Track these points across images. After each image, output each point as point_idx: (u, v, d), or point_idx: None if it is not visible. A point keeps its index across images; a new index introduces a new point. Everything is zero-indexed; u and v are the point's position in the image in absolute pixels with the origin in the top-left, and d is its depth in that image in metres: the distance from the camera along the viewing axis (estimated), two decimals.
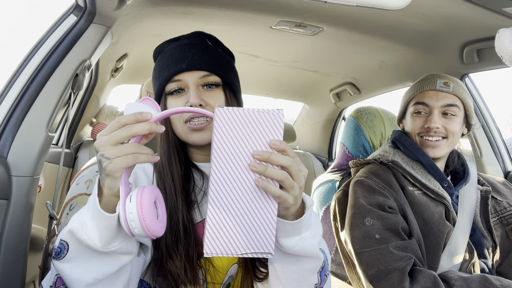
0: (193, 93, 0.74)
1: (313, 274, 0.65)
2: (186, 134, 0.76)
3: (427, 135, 1.08)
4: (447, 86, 1.08)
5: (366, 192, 1.06)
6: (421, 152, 1.08)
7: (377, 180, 1.08)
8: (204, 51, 0.78)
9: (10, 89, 0.91)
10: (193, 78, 0.76)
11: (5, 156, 0.86)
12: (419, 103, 1.11)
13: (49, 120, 0.93)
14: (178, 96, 0.77)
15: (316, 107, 2.60)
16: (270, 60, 1.77)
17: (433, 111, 1.08)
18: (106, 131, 0.51)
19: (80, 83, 1.02)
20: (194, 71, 0.76)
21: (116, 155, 0.49)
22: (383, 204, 1.02)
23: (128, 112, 0.52)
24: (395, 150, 1.16)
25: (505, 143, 1.62)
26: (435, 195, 1.05)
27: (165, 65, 0.78)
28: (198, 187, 0.80)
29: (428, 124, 1.07)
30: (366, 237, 0.98)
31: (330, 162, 2.60)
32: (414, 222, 1.01)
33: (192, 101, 0.73)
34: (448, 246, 1.00)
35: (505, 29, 0.86)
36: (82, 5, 0.97)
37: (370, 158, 1.18)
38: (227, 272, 0.76)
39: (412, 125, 1.12)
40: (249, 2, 1.14)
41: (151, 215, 0.52)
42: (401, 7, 0.85)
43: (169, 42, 0.85)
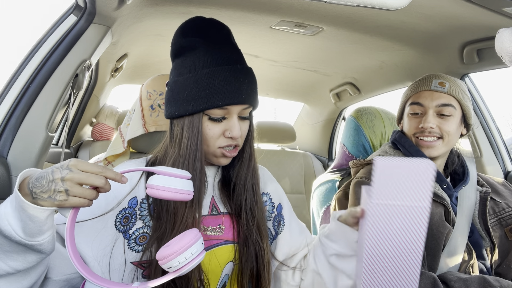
0: (236, 125, 0.77)
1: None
2: (217, 157, 0.80)
3: (422, 135, 1.08)
4: (442, 86, 1.09)
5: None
6: (420, 154, 1.08)
7: None
8: (253, 81, 0.79)
9: (10, 89, 0.91)
10: (238, 109, 0.77)
11: (5, 156, 0.86)
12: (414, 103, 1.11)
13: (49, 120, 0.93)
14: (219, 123, 0.77)
15: (316, 107, 2.60)
16: (270, 60, 1.77)
17: (427, 111, 1.08)
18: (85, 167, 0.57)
19: (80, 83, 1.01)
20: (243, 104, 0.77)
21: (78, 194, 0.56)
22: None
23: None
24: (395, 151, 1.16)
25: (505, 143, 1.62)
26: (435, 196, 1.05)
27: (219, 90, 0.74)
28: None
29: (422, 124, 1.07)
30: None
31: (330, 162, 2.60)
32: None
33: (236, 134, 0.76)
34: (447, 247, 1.00)
35: (505, 29, 0.86)
36: (82, 5, 0.97)
37: (370, 159, 1.18)
38: (222, 270, 0.77)
39: (408, 126, 1.12)
40: (249, 2, 1.14)
41: None
42: (401, 7, 0.85)
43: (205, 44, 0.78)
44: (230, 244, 0.78)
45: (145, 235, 0.74)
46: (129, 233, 0.74)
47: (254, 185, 0.83)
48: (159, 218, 0.73)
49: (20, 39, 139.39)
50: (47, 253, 0.60)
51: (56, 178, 0.55)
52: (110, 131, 2.35)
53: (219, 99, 0.74)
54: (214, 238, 0.77)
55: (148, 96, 1.13)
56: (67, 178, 0.55)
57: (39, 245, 0.57)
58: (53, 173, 0.56)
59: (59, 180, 0.55)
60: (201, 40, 0.78)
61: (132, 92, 2.54)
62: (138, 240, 0.74)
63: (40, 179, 0.56)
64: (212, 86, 0.74)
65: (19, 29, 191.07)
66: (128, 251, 0.73)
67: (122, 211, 0.74)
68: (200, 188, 0.76)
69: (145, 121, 1.11)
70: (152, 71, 1.97)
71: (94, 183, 0.57)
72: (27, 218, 0.55)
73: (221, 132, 0.77)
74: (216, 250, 0.77)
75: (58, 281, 0.67)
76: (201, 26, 0.81)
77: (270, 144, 2.53)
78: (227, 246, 0.78)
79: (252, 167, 0.84)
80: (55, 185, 0.55)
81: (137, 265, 0.73)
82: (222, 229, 0.79)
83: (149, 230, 0.75)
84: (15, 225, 0.55)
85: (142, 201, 0.76)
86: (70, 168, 0.56)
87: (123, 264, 0.72)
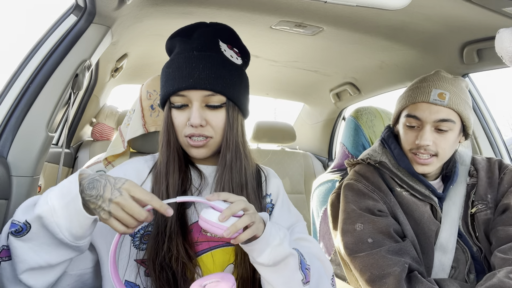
0: (195, 112, 0.75)
1: (295, 272, 0.69)
2: (186, 146, 0.79)
3: (417, 151, 1.03)
4: (441, 98, 1.00)
5: (356, 196, 1.06)
6: (406, 162, 1.07)
7: (366, 183, 1.07)
8: (213, 67, 0.76)
9: (10, 89, 0.91)
10: (197, 96, 0.75)
11: (5, 156, 0.86)
12: (411, 116, 1.04)
13: (49, 120, 0.93)
14: (182, 111, 0.77)
15: (316, 107, 2.60)
16: (270, 60, 1.77)
17: (424, 126, 1.01)
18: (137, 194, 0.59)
19: (80, 83, 1.01)
20: (199, 90, 0.75)
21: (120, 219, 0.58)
22: (373, 208, 1.02)
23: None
24: (384, 150, 1.14)
25: (505, 143, 1.62)
26: (422, 196, 1.05)
27: (171, 77, 0.77)
28: (195, 187, 0.80)
29: (419, 141, 1.01)
30: (359, 242, 0.98)
31: (330, 162, 2.60)
32: (406, 223, 1.01)
33: (193, 121, 0.74)
34: (439, 241, 1.01)
35: (505, 29, 0.86)
36: (82, 5, 0.97)
37: (360, 158, 1.18)
38: (222, 271, 0.77)
39: (404, 139, 1.07)
40: (249, 2, 1.14)
41: None
42: (401, 7, 0.85)
43: (182, 37, 0.82)
44: (230, 246, 0.78)
45: (150, 233, 0.75)
46: (135, 231, 0.74)
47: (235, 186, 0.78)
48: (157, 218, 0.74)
49: (20, 39, 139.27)
50: (82, 252, 0.62)
51: (105, 196, 0.57)
52: (110, 131, 2.35)
53: (171, 85, 0.76)
54: (215, 240, 0.77)
55: (148, 96, 1.13)
56: (114, 201, 0.57)
57: (78, 246, 0.60)
58: (104, 188, 0.58)
59: (107, 199, 0.57)
60: (180, 39, 0.82)
61: (132, 92, 2.54)
62: (143, 238, 0.74)
63: (91, 188, 0.58)
64: (168, 74, 0.78)
65: (19, 29, 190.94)
66: (133, 248, 0.73)
67: None
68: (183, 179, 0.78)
69: (145, 121, 1.12)
70: (152, 71, 1.97)
71: (135, 216, 0.58)
72: (77, 223, 0.57)
73: (185, 121, 0.77)
74: (215, 253, 0.76)
75: (73, 275, 0.69)
76: (187, 28, 0.85)
77: (270, 144, 2.53)
78: (227, 248, 0.78)
79: (235, 168, 0.78)
80: (101, 202, 0.57)
81: (140, 263, 0.73)
82: None
83: (152, 228, 0.75)
84: (63, 225, 0.57)
85: None
86: (121, 191, 0.58)
87: (127, 261, 0.72)
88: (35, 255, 0.58)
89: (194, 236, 0.76)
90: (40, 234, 0.58)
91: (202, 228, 0.62)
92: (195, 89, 0.75)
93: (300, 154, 2.52)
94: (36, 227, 0.57)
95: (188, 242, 0.74)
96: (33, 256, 0.58)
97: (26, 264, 0.58)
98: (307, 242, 0.83)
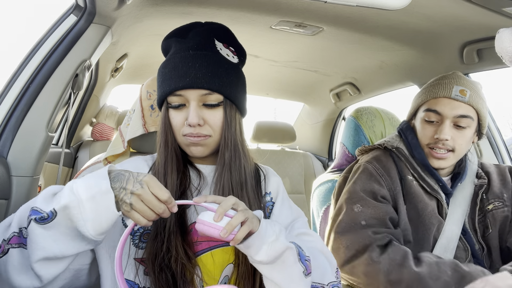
0: (193, 112, 0.75)
1: (295, 264, 0.69)
2: (185, 145, 0.79)
3: (435, 146, 1.04)
4: (463, 95, 1.02)
5: (364, 177, 1.08)
6: (421, 154, 1.08)
7: (377, 166, 1.09)
8: (209, 66, 0.76)
9: (10, 89, 0.91)
10: (194, 95, 0.75)
11: (5, 156, 0.86)
12: (431, 110, 1.05)
13: (49, 120, 0.93)
14: (179, 110, 0.77)
15: (316, 107, 2.60)
16: (270, 60, 1.77)
17: (444, 121, 1.02)
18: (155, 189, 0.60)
19: (80, 83, 1.01)
20: (196, 89, 0.75)
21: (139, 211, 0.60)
22: (377, 192, 1.03)
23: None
24: (401, 139, 1.16)
25: (505, 143, 1.62)
26: (430, 189, 1.06)
27: (168, 77, 0.77)
28: (194, 186, 0.80)
29: (438, 135, 1.02)
30: (352, 222, 1.00)
31: (330, 162, 2.60)
32: (404, 213, 1.03)
33: (190, 121, 0.74)
34: (440, 240, 1.01)
35: (505, 29, 0.86)
36: (82, 5, 0.97)
37: (376, 144, 1.19)
38: (222, 272, 0.77)
39: (422, 133, 1.08)
40: (249, 2, 1.14)
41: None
42: (401, 7, 0.85)
43: (177, 37, 0.82)
44: (229, 245, 0.78)
45: (149, 232, 0.75)
46: (134, 230, 0.75)
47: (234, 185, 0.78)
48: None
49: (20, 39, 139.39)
50: (95, 246, 0.63)
51: (127, 188, 0.59)
52: (110, 131, 2.35)
53: (168, 85, 0.76)
54: (214, 239, 0.77)
55: (148, 96, 1.13)
56: (136, 193, 0.59)
57: (96, 241, 0.61)
58: (127, 181, 0.60)
59: (129, 192, 0.59)
60: (175, 39, 0.82)
61: (132, 92, 2.54)
62: (143, 237, 0.75)
63: (115, 181, 0.60)
64: (164, 74, 0.78)
65: (19, 29, 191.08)
66: (132, 247, 0.73)
67: None
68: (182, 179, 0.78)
69: (145, 121, 1.12)
70: (152, 71, 1.97)
71: (155, 210, 0.60)
72: (104, 218, 0.59)
73: (183, 121, 0.77)
74: (215, 252, 0.76)
75: (71, 270, 0.69)
76: (182, 28, 0.85)
77: (270, 144, 2.53)
78: (227, 248, 0.78)
79: (234, 166, 0.79)
80: (124, 195, 0.59)
81: (139, 261, 0.73)
82: None
83: (152, 227, 0.75)
84: (88, 219, 0.58)
85: None
86: (142, 184, 0.60)
87: (126, 260, 0.72)
88: (54, 244, 0.59)
89: (194, 236, 0.76)
90: (63, 224, 0.58)
91: (199, 232, 0.62)
92: (192, 88, 0.75)
93: (300, 154, 2.52)
94: (61, 217, 0.58)
95: (187, 242, 0.73)
96: (52, 245, 0.58)
97: (43, 252, 0.58)
98: (309, 237, 0.83)
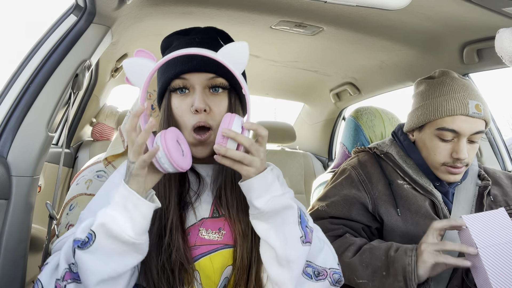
0: (199, 96, 0.73)
1: (294, 226, 0.68)
2: (191, 143, 0.75)
3: (453, 166, 0.99)
4: (478, 111, 0.97)
5: (345, 183, 1.11)
6: (415, 152, 1.09)
7: (360, 172, 1.11)
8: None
9: (10, 89, 0.91)
10: (200, 79, 0.74)
11: (5, 156, 0.86)
12: (447, 129, 0.97)
13: (49, 120, 0.93)
14: (183, 97, 0.76)
15: (316, 107, 2.60)
16: (270, 60, 1.77)
17: (461, 139, 0.97)
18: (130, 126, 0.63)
19: (80, 83, 1.01)
20: (202, 72, 0.74)
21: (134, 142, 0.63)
22: (352, 196, 1.07)
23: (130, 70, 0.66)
24: (393, 143, 1.17)
25: (505, 143, 1.62)
26: (423, 191, 1.06)
27: (172, 62, 0.75)
28: (193, 190, 0.79)
29: (458, 155, 0.97)
30: (315, 215, 1.08)
31: (330, 162, 2.60)
32: (394, 216, 1.04)
33: (197, 105, 0.72)
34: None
35: (505, 29, 0.86)
36: (82, 5, 0.97)
37: (368, 147, 1.20)
38: (221, 274, 0.76)
39: (437, 152, 1.01)
40: (249, 2, 1.14)
41: (175, 150, 0.63)
42: (401, 7, 0.85)
43: (179, 35, 0.83)
44: (229, 248, 0.76)
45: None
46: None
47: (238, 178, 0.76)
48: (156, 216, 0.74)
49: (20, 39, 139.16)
50: (143, 254, 0.63)
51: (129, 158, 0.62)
52: (110, 131, 2.35)
53: (173, 68, 0.74)
54: (214, 243, 0.76)
55: (148, 96, 1.13)
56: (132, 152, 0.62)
57: (141, 244, 0.62)
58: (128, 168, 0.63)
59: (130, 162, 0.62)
60: (177, 36, 0.82)
61: (132, 92, 2.54)
62: None
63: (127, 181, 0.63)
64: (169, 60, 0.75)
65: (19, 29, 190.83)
66: None
67: None
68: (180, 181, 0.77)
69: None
70: None
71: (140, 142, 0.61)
72: (139, 216, 0.60)
73: (188, 108, 0.74)
74: (214, 256, 0.75)
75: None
76: (183, 29, 0.85)
77: (270, 144, 2.53)
78: (226, 250, 0.76)
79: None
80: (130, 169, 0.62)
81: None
82: (222, 233, 0.77)
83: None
84: (124, 225, 0.59)
85: None
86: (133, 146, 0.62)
87: None
88: (103, 265, 0.59)
89: (191, 240, 0.75)
90: (105, 243, 0.59)
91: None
92: (198, 71, 0.73)
93: (300, 154, 2.52)
94: (101, 235, 0.59)
95: (186, 246, 0.73)
96: (102, 266, 0.59)
97: (97, 276, 0.59)
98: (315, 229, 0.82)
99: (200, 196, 0.79)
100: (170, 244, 0.71)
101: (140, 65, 0.66)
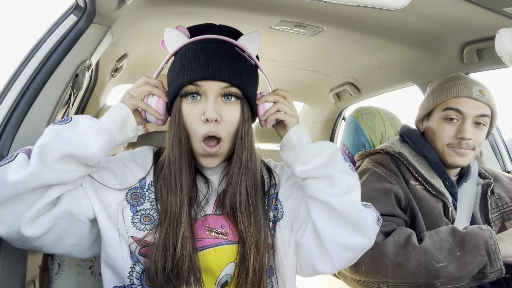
0: (211, 105, 0.72)
1: (342, 158, 0.79)
2: (199, 155, 0.76)
3: (458, 146, 1.04)
4: (482, 95, 1.04)
5: (373, 178, 1.07)
6: (427, 148, 1.08)
7: (383, 169, 1.09)
8: (231, 60, 0.74)
9: (10, 89, 0.91)
10: (214, 88, 0.73)
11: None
12: (452, 109, 1.05)
13: (49, 120, 0.93)
14: (195, 103, 0.74)
15: (316, 107, 2.60)
16: (270, 60, 1.77)
17: (466, 120, 1.03)
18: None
19: (80, 83, 1.01)
20: (217, 81, 0.72)
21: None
22: (388, 189, 1.02)
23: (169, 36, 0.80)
24: (403, 144, 1.16)
25: (505, 143, 1.62)
26: (436, 192, 1.06)
27: (186, 67, 0.73)
28: (202, 194, 0.80)
29: (462, 134, 1.02)
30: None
31: None
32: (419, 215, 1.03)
33: (208, 115, 0.71)
34: None
35: (505, 29, 0.86)
36: (82, 5, 0.97)
37: (377, 149, 1.19)
38: (223, 269, 0.76)
39: (442, 133, 1.07)
40: (249, 2, 1.14)
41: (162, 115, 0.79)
42: (401, 7, 0.85)
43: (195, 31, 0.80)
44: (234, 244, 0.77)
45: (150, 216, 0.75)
46: (136, 209, 0.75)
47: (249, 188, 0.77)
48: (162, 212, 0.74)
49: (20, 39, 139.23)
50: (94, 166, 0.72)
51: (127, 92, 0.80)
52: None
53: (187, 74, 0.72)
54: (218, 238, 0.77)
55: None
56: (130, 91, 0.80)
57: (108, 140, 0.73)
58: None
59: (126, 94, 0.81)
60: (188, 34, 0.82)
61: None
62: (143, 219, 0.75)
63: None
64: (182, 64, 0.75)
65: (19, 29, 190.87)
66: (131, 224, 0.74)
67: (133, 189, 0.77)
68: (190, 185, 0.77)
69: None
70: (152, 71, 1.94)
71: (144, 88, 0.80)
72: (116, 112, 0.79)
73: (199, 116, 0.73)
74: (218, 249, 0.76)
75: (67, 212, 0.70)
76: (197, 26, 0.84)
77: (270, 144, 2.53)
78: (231, 246, 0.77)
79: (251, 168, 0.78)
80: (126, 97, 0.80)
81: (137, 241, 0.74)
82: (225, 230, 0.78)
83: (155, 213, 0.75)
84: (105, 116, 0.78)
85: (150, 183, 0.78)
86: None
87: (125, 232, 0.73)
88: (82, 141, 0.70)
89: (196, 231, 0.76)
90: (81, 123, 0.72)
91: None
92: (213, 79, 0.72)
93: None
94: (76, 119, 0.73)
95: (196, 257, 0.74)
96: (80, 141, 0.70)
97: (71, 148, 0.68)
98: None
99: (208, 200, 0.80)
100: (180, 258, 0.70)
101: (177, 35, 0.79)
